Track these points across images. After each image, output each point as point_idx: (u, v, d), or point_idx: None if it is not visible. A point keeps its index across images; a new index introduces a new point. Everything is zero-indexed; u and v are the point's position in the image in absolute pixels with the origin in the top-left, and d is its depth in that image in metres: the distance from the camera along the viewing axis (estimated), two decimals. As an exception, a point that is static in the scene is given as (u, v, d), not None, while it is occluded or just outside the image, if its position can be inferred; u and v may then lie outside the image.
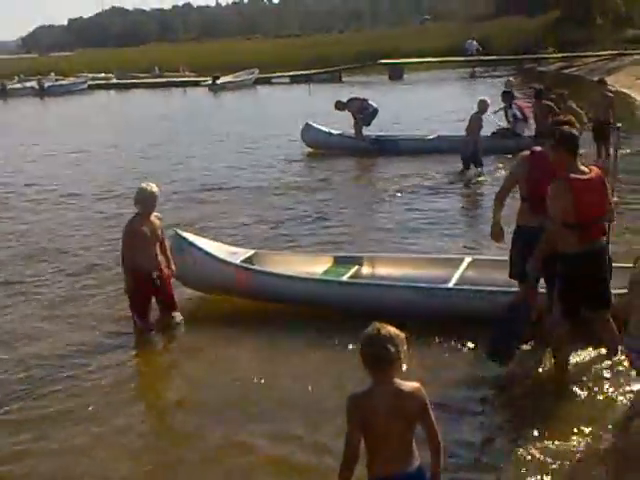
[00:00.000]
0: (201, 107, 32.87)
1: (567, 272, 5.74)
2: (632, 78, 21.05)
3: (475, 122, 14.33)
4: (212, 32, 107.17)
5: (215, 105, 34.98)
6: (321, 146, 17.79)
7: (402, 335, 3.48)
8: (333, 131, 17.98)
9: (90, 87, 45.74)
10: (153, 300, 7.42)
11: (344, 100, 17.93)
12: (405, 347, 3.48)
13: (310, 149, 17.94)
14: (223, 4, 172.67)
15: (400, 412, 3.48)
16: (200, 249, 7.92)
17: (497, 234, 6.65)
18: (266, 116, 26.43)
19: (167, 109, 32.92)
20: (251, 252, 8.37)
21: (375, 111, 17.69)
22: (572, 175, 5.59)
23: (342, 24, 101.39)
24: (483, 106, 14.36)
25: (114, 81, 48.80)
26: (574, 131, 5.87)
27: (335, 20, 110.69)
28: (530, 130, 15.68)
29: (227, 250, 8.29)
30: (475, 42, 46.93)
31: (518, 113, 16.07)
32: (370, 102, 17.78)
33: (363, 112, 17.52)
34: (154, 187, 7.31)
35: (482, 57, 44.61)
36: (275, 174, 15.67)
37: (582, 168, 5.71)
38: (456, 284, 7.24)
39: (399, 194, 13.20)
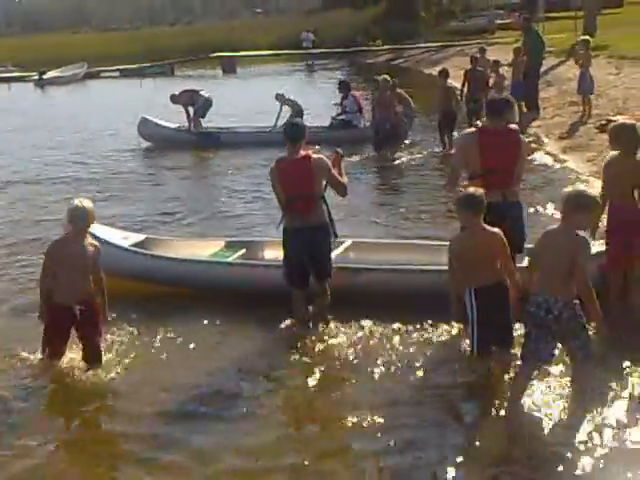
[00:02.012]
0: (28, 103, 31.37)
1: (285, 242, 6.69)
2: (455, 69, 22.05)
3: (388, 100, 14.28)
4: (37, 26, 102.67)
5: (43, 100, 33.59)
6: (158, 139, 17.47)
7: None
8: (170, 125, 17.74)
9: None
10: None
11: (177, 93, 17.74)
12: None
13: (148, 143, 17.59)
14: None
15: None
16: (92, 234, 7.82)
17: None
18: (98, 111, 25.59)
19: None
20: (142, 237, 8.46)
21: (207, 102, 17.55)
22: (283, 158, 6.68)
23: (173, 18, 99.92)
24: (385, 84, 14.40)
25: None
26: (298, 122, 7.09)
27: (166, 14, 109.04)
28: (365, 121, 16.03)
29: (119, 235, 8.31)
30: (311, 34, 47.61)
31: (354, 105, 16.30)
32: (201, 93, 17.63)
33: (194, 104, 17.36)
34: (86, 202, 6.03)
35: (315, 50, 45.32)
36: (114, 167, 15.28)
37: (300, 153, 6.59)
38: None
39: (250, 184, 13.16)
